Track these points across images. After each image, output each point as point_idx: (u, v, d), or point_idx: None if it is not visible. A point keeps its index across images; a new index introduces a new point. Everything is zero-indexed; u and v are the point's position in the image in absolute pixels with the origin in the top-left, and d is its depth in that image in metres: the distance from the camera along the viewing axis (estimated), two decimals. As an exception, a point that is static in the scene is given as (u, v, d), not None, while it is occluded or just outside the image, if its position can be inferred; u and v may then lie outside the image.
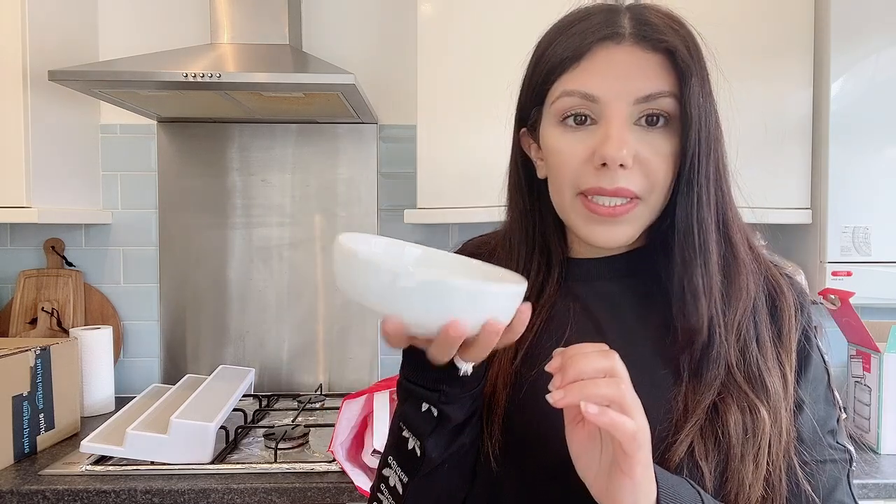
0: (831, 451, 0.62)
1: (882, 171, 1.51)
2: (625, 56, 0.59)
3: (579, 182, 0.61)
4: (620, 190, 0.59)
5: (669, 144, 0.60)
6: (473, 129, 1.51)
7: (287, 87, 1.42)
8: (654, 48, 0.59)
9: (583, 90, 0.60)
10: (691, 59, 0.59)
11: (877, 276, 1.51)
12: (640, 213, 0.61)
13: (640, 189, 0.60)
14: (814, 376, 0.63)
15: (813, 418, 0.61)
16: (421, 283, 0.48)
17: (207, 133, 1.82)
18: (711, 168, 0.60)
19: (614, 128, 0.58)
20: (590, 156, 0.60)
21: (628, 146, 0.58)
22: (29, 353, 1.37)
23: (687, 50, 0.59)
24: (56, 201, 1.60)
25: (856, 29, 1.51)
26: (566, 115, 0.61)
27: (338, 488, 1.22)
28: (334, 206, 1.85)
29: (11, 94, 1.47)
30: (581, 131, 0.61)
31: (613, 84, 0.59)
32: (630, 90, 0.59)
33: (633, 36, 0.60)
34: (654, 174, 0.60)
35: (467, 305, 0.49)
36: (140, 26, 1.81)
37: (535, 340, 0.66)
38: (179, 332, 1.84)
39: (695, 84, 0.58)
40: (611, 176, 0.59)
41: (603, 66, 0.60)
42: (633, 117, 0.60)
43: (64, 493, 1.20)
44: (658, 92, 0.59)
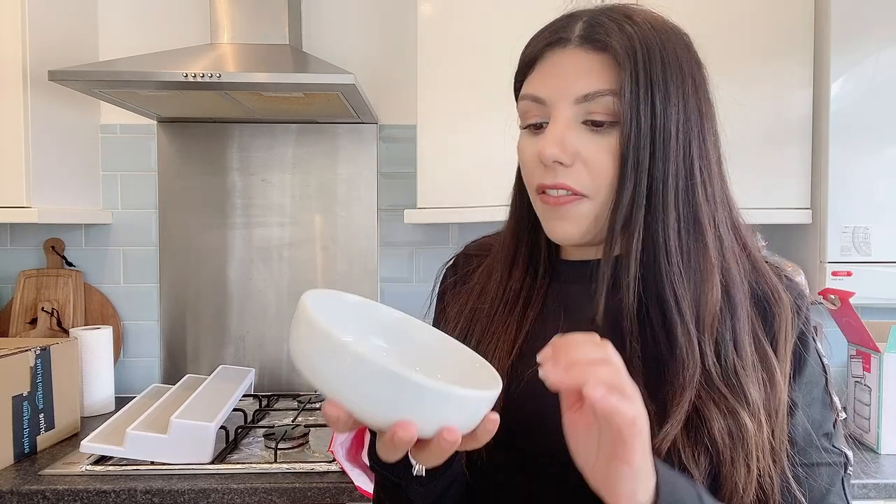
0: (826, 454, 0.61)
1: (882, 171, 1.51)
2: (569, 59, 0.61)
3: (533, 180, 0.64)
4: (559, 185, 0.61)
5: (616, 143, 0.60)
6: (473, 129, 1.51)
7: (287, 87, 1.42)
8: (595, 48, 0.60)
9: (532, 93, 0.63)
10: (627, 54, 0.58)
11: (877, 276, 1.51)
12: (587, 209, 0.62)
13: (583, 186, 0.61)
14: (808, 379, 0.63)
15: (807, 421, 0.61)
16: (377, 370, 0.43)
17: (207, 133, 1.82)
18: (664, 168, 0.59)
19: (553, 128, 0.61)
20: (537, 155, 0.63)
21: (562, 145, 0.60)
22: (29, 353, 1.37)
23: (628, 49, 0.59)
24: (56, 201, 1.60)
25: (856, 29, 1.51)
26: (526, 122, 0.65)
27: (338, 488, 1.22)
28: (334, 206, 1.85)
29: (11, 94, 1.47)
30: (538, 135, 0.64)
31: (556, 85, 0.61)
32: (570, 90, 0.60)
33: (578, 38, 0.61)
34: (597, 173, 0.60)
35: (425, 406, 0.44)
36: (140, 26, 1.81)
37: (526, 340, 0.67)
38: (179, 332, 1.84)
39: (627, 80, 0.58)
40: (552, 172, 0.61)
41: (549, 70, 0.63)
42: (578, 117, 0.61)
43: (64, 493, 1.20)
44: (596, 91, 0.59)
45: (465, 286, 0.75)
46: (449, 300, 0.77)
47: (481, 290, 0.72)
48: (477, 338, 0.69)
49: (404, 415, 0.45)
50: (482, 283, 0.73)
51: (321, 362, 0.45)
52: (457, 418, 0.46)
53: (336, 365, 0.44)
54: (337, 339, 0.44)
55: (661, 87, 0.59)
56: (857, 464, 1.35)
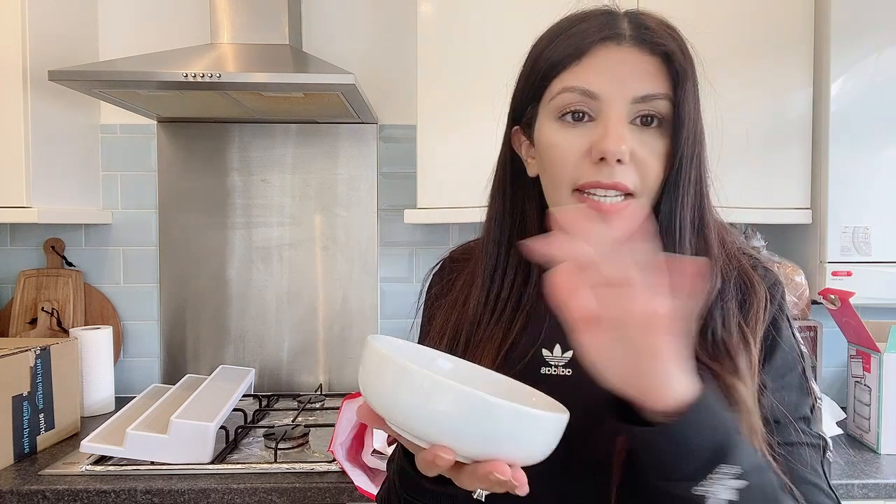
0: (804, 436, 0.62)
1: (882, 171, 1.51)
2: (625, 56, 0.61)
3: (577, 177, 0.62)
4: (618, 184, 0.60)
5: (661, 145, 0.62)
6: (473, 129, 1.51)
7: (287, 87, 1.42)
8: (651, 51, 0.61)
9: (583, 86, 0.61)
10: (686, 63, 0.62)
11: (877, 276, 1.51)
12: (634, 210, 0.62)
13: (634, 185, 0.61)
14: (781, 363, 0.64)
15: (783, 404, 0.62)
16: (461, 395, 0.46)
17: (207, 133, 1.82)
18: (694, 171, 0.63)
19: (613, 124, 0.60)
20: (587, 151, 0.61)
21: (626, 142, 0.60)
22: (29, 353, 1.37)
23: (682, 55, 0.62)
24: (56, 201, 1.60)
25: (856, 29, 1.51)
26: (565, 111, 0.63)
27: (338, 488, 1.22)
28: (334, 206, 1.85)
29: (11, 94, 1.47)
30: (579, 127, 0.62)
31: (613, 82, 0.61)
32: (629, 89, 0.60)
33: (632, 38, 0.62)
34: (648, 173, 0.61)
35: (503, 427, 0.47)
36: (140, 26, 1.81)
37: (514, 342, 0.67)
38: (179, 332, 1.84)
39: (689, 88, 0.61)
40: (609, 171, 0.60)
41: (604, 65, 0.61)
42: (629, 116, 0.61)
43: (64, 493, 1.20)
44: (654, 93, 0.61)
45: (450, 294, 0.75)
46: (436, 309, 0.76)
47: (465, 300, 0.71)
48: (462, 347, 0.68)
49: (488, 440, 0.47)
50: (465, 292, 0.72)
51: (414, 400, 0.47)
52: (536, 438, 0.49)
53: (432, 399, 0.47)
54: (408, 365, 0.47)
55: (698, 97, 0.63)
56: (857, 464, 1.35)
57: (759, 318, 0.64)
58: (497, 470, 0.47)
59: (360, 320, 1.85)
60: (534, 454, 0.49)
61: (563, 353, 0.66)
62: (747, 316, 0.64)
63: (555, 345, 0.67)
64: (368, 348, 0.51)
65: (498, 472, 0.47)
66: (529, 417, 0.47)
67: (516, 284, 0.69)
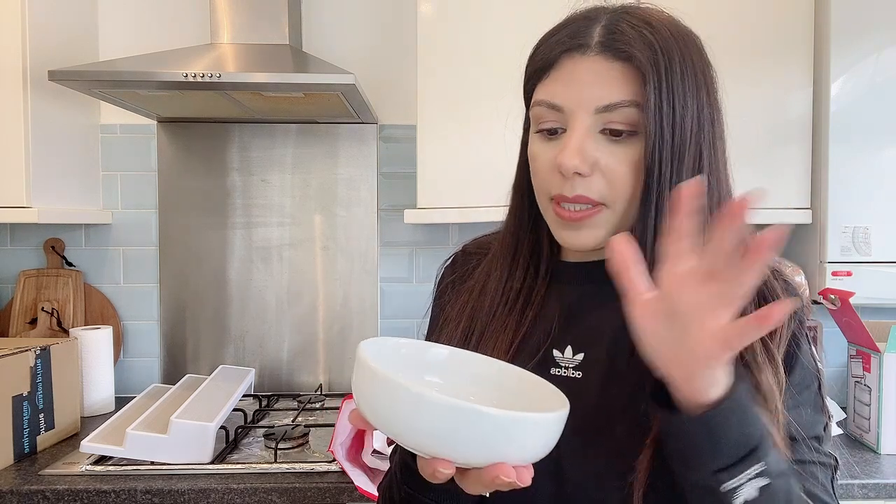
0: (816, 454, 0.61)
1: (882, 171, 1.51)
2: (589, 66, 0.60)
3: (549, 189, 0.63)
4: (579, 197, 0.61)
5: (635, 152, 0.60)
6: (473, 130, 1.51)
7: (287, 87, 1.42)
8: (616, 57, 0.60)
9: (548, 100, 0.62)
10: (651, 66, 0.58)
11: (877, 276, 1.51)
12: (605, 218, 0.62)
13: (602, 196, 0.61)
14: (800, 380, 0.63)
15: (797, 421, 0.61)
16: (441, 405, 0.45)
17: (207, 133, 1.82)
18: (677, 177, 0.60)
19: (573, 138, 0.60)
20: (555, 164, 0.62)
21: (582, 156, 0.59)
22: (29, 353, 1.37)
23: (650, 57, 0.58)
24: (56, 201, 1.60)
25: (856, 29, 1.51)
26: (539, 127, 0.64)
27: (338, 488, 1.22)
28: (334, 206, 1.85)
29: (11, 94, 1.47)
30: (552, 141, 0.63)
31: (575, 94, 0.60)
32: (591, 99, 0.60)
33: (598, 45, 0.60)
34: (616, 182, 0.60)
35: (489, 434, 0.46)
36: (140, 26, 1.81)
37: (524, 339, 0.68)
38: (179, 332, 1.84)
39: (652, 93, 0.58)
40: (570, 184, 0.61)
41: (567, 77, 0.61)
42: (597, 126, 0.61)
43: (64, 493, 1.20)
44: (619, 101, 0.59)
45: (464, 285, 0.75)
46: (448, 299, 0.77)
47: (481, 290, 0.72)
48: (477, 337, 0.69)
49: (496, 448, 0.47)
50: (482, 282, 0.73)
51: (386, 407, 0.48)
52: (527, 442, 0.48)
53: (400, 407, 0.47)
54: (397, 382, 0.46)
55: (681, 97, 0.59)
56: (857, 464, 1.35)
57: (782, 334, 0.62)
58: (502, 473, 0.47)
59: (360, 320, 1.85)
60: (536, 453, 0.49)
61: (574, 356, 0.66)
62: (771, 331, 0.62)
63: (566, 346, 0.67)
64: (358, 359, 0.50)
65: (503, 475, 0.47)
66: (523, 422, 0.47)
67: (528, 279, 0.70)
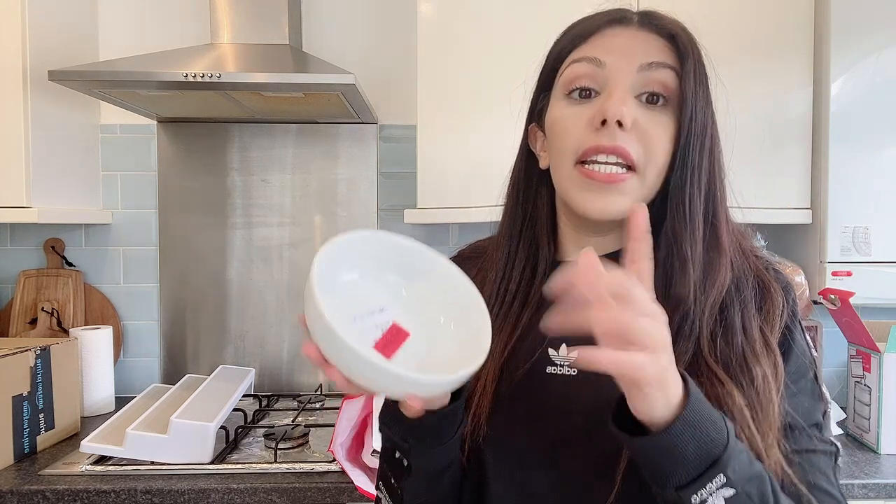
0: (817, 441, 0.61)
1: (882, 171, 1.51)
2: (632, 33, 0.64)
3: (579, 144, 0.63)
4: (618, 148, 0.60)
5: (669, 122, 0.62)
6: (473, 129, 1.51)
7: (287, 87, 1.42)
8: (657, 32, 0.64)
9: (592, 55, 0.63)
10: (690, 48, 0.63)
11: (877, 276, 1.51)
12: (633, 185, 0.62)
13: (637, 156, 0.61)
14: (795, 368, 0.63)
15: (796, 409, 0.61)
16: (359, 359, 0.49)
17: (207, 133, 1.82)
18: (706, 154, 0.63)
19: (618, 89, 0.61)
20: (591, 119, 0.62)
21: (628, 106, 0.60)
22: (29, 353, 1.37)
23: (688, 39, 0.63)
24: (56, 201, 1.60)
25: (856, 29, 1.51)
26: (573, 87, 0.64)
27: (338, 488, 1.22)
28: (334, 206, 1.85)
29: (11, 94, 1.47)
30: (585, 103, 0.64)
31: (619, 52, 0.63)
32: (635, 56, 0.62)
33: (639, 22, 0.65)
34: (651, 144, 0.61)
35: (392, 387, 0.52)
36: (140, 26, 1.81)
37: (521, 338, 0.68)
38: (179, 332, 1.84)
39: (690, 67, 0.62)
40: (610, 133, 0.60)
41: (610, 40, 0.64)
42: (636, 89, 0.62)
43: (64, 493, 1.20)
44: (661, 61, 0.62)
45: None
46: None
47: None
48: None
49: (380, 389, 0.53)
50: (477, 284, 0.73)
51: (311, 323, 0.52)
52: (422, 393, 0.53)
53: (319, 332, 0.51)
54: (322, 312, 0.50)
55: (705, 87, 0.63)
56: (857, 464, 1.35)
57: (776, 323, 0.63)
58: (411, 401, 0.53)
59: (360, 320, 1.84)
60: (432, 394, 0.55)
61: (570, 354, 0.66)
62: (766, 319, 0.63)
63: (560, 344, 0.67)
64: (308, 284, 0.52)
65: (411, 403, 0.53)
66: (413, 382, 0.51)
67: (524, 279, 0.70)
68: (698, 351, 0.60)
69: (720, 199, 0.65)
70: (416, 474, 0.62)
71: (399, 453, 0.62)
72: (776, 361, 0.60)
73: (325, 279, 0.53)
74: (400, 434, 0.61)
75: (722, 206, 0.65)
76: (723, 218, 0.65)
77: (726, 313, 0.62)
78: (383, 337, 0.57)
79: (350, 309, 0.57)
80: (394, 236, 0.61)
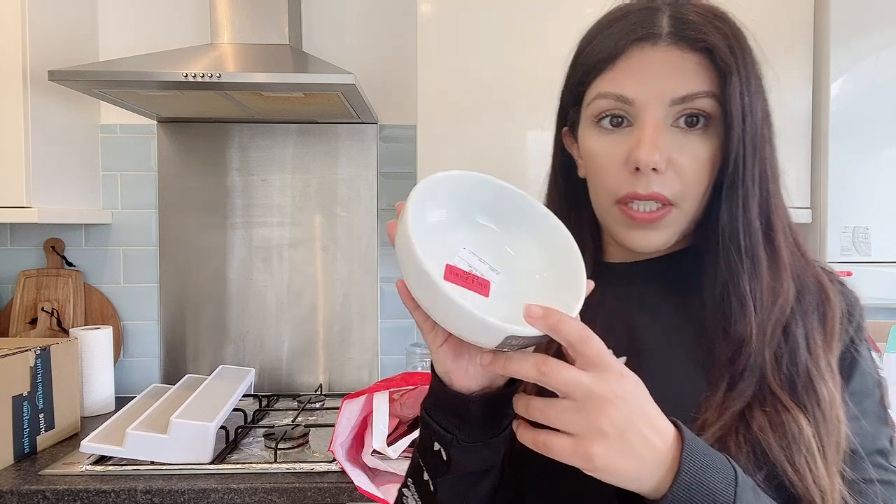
0: (882, 471, 0.57)
1: (882, 171, 1.51)
2: (661, 56, 0.58)
3: (617, 189, 0.60)
4: (654, 195, 0.58)
5: (708, 147, 0.58)
6: (473, 129, 1.51)
7: (287, 87, 1.42)
8: (692, 47, 0.57)
9: (617, 92, 0.59)
10: (732, 56, 0.57)
11: (877, 276, 1.51)
12: (674, 218, 0.60)
13: (673, 194, 0.58)
14: (860, 388, 0.59)
15: (856, 433, 0.57)
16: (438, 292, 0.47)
17: (207, 133, 1.82)
18: (757, 170, 0.59)
19: (647, 131, 0.57)
20: (625, 160, 0.59)
21: (661, 150, 0.57)
22: (29, 353, 1.37)
23: (728, 48, 0.57)
24: (56, 201, 1.60)
25: (856, 29, 1.51)
26: (601, 116, 0.60)
27: (338, 488, 1.22)
28: (334, 206, 1.85)
29: (11, 94, 1.47)
30: (616, 133, 0.60)
31: (649, 85, 0.58)
32: (666, 91, 0.57)
33: (670, 36, 0.58)
34: (689, 179, 0.58)
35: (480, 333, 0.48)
36: (140, 26, 1.81)
37: None
38: (179, 332, 1.84)
39: (735, 83, 0.56)
40: (645, 181, 0.58)
41: (638, 68, 0.58)
42: (669, 119, 0.58)
43: (64, 493, 1.20)
44: (695, 92, 0.57)
45: None
46: None
47: None
48: None
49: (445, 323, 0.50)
50: None
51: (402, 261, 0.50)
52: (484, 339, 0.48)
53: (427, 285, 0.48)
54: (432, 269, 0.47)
55: (756, 91, 0.58)
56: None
57: (835, 335, 0.59)
58: None
59: (360, 320, 1.85)
60: None
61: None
62: (827, 332, 0.59)
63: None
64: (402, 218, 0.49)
65: None
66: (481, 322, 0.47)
67: None
68: (762, 379, 0.57)
69: (775, 209, 0.60)
70: (455, 470, 0.58)
71: (439, 444, 0.58)
72: (836, 379, 0.57)
73: (418, 220, 0.51)
74: (445, 422, 0.57)
75: (777, 215, 0.61)
76: (779, 230, 0.60)
77: (789, 329, 0.58)
78: (467, 276, 0.54)
79: (439, 252, 0.54)
80: (485, 177, 0.57)
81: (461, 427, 0.56)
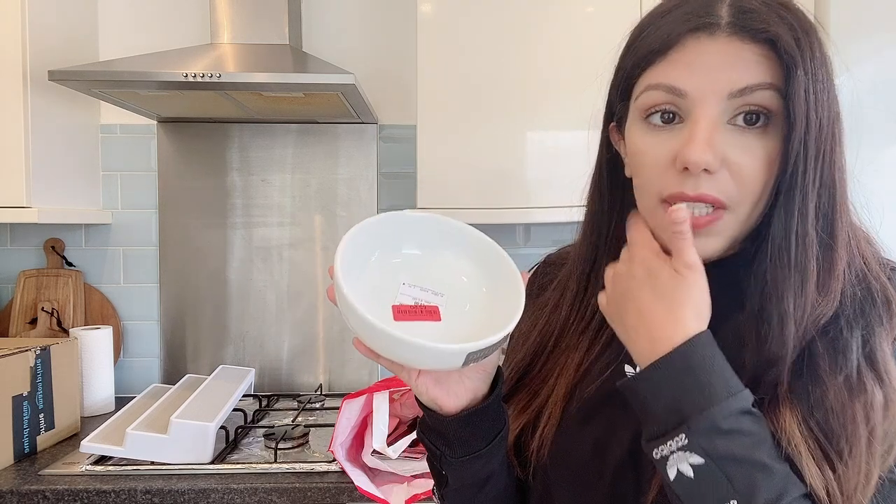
0: None
1: (882, 171, 1.51)
2: (719, 48, 0.52)
3: (662, 187, 0.55)
4: (703, 196, 0.53)
5: (770, 147, 0.53)
6: (473, 129, 1.51)
7: (287, 87, 1.42)
8: (753, 39, 0.52)
9: (668, 83, 0.54)
10: (798, 48, 0.51)
11: (877, 277, 1.51)
12: (726, 224, 0.54)
13: (727, 197, 0.53)
14: None
15: None
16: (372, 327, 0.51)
17: (207, 133, 1.82)
18: (819, 174, 0.53)
19: (700, 128, 0.52)
20: (673, 159, 0.54)
21: (714, 148, 0.52)
22: (29, 353, 1.37)
23: (794, 39, 0.51)
24: (56, 201, 1.60)
25: (856, 29, 1.51)
26: (651, 111, 0.56)
27: (338, 488, 1.22)
28: (334, 206, 1.85)
29: (11, 94, 1.47)
30: (666, 131, 0.55)
31: (704, 77, 0.53)
32: (723, 83, 0.52)
33: (729, 26, 0.52)
34: (745, 181, 0.53)
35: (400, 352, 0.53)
36: (140, 26, 1.81)
37: (599, 354, 0.64)
38: (179, 332, 1.84)
39: (800, 77, 0.51)
40: (693, 181, 0.53)
41: (693, 59, 0.53)
42: (726, 115, 0.53)
43: (64, 493, 1.20)
44: (756, 84, 0.52)
45: (538, 299, 0.71)
46: None
47: (555, 305, 0.68)
48: (545, 355, 0.66)
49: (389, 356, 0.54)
50: (556, 297, 0.68)
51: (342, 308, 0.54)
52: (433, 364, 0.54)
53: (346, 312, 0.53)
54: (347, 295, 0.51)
55: (823, 85, 0.53)
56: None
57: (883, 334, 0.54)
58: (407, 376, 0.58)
59: (360, 320, 1.85)
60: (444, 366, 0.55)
61: None
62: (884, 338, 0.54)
63: None
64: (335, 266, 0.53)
65: None
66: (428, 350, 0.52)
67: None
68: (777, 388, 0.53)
69: (838, 217, 0.55)
70: (453, 484, 0.62)
71: (435, 461, 0.63)
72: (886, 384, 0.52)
73: (350, 280, 0.54)
74: (434, 441, 0.61)
75: (841, 224, 0.56)
76: (840, 241, 0.55)
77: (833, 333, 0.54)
78: (415, 309, 0.58)
79: (383, 297, 0.58)
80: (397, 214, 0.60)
81: (448, 444, 0.60)
